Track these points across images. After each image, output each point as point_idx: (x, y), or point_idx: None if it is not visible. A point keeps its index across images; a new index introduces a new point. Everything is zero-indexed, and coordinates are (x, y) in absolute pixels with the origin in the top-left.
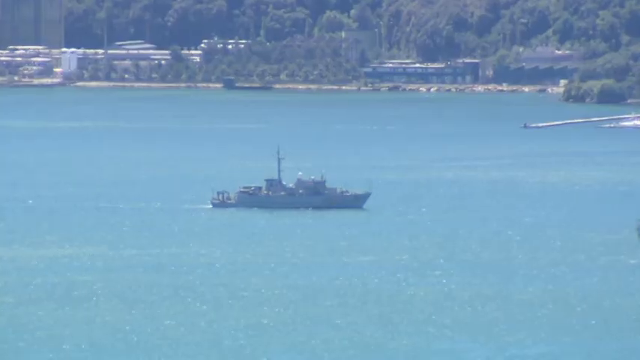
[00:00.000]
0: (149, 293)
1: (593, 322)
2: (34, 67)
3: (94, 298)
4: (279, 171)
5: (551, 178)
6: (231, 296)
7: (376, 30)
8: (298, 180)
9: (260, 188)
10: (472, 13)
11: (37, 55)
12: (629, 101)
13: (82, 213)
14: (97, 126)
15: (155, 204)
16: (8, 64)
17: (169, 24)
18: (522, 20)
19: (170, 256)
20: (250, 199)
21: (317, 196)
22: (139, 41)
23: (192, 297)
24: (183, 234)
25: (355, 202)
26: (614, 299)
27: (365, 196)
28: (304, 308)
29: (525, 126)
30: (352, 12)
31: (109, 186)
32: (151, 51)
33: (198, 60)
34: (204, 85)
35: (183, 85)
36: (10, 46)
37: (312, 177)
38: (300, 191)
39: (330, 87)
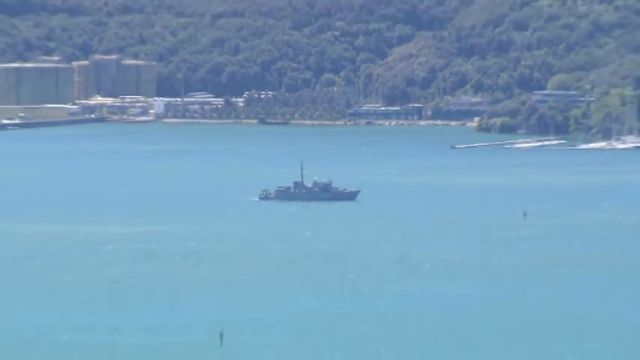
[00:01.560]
0: (208, 253)
1: (498, 272)
2: (136, 110)
3: (166, 259)
4: (302, 176)
5: (469, 180)
6: (264, 256)
7: (356, 85)
8: (314, 182)
9: (290, 187)
10: (418, 74)
11: (138, 101)
12: (519, 131)
13: (164, 203)
14: (177, 148)
15: (217, 197)
16: (120, 107)
17: (223, 81)
18: (450, 79)
19: (228, 230)
20: (284, 194)
21: (326, 193)
22: (204, 92)
23: (240, 256)
24: (238, 216)
25: (351, 196)
26: (510, 257)
27: (357, 193)
28: (311, 265)
29: (452, 147)
30: (341, 74)
31: (184, 186)
32: (211, 98)
33: (242, 104)
34: (246, 121)
35: (231, 121)
36: (121, 96)
37: (323, 180)
38: (316, 189)
39: (326, 122)
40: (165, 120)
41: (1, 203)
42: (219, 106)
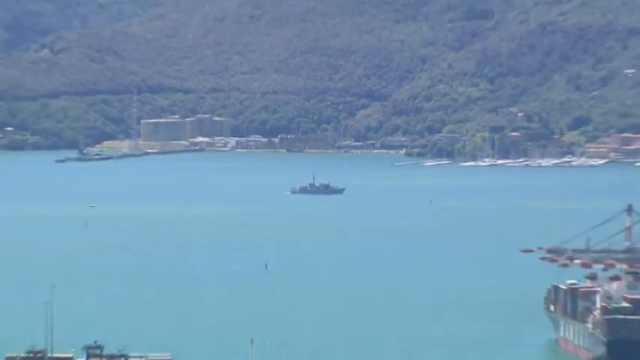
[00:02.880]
0: (262, 222)
1: (413, 232)
2: (220, 144)
3: (237, 226)
4: (313, 180)
5: (401, 183)
6: (293, 223)
7: (340, 130)
8: (320, 184)
9: (307, 186)
10: (373, 125)
11: (221, 140)
12: (427, 156)
13: (236, 196)
14: (242, 166)
15: (266, 192)
16: (210, 143)
17: (267, 128)
18: (390, 127)
19: (274, 209)
20: (304, 190)
21: (327, 189)
22: (257, 135)
23: (281, 223)
24: (279, 202)
25: (340, 191)
26: (422, 224)
27: (343, 189)
28: (317, 228)
29: (392, 165)
30: (331, 124)
31: (248, 185)
32: (261, 138)
33: (277, 141)
34: (280, 150)
35: (272, 150)
36: (212, 137)
37: (325, 182)
38: (321, 187)
39: (324, 151)
40: (236, 150)
41: (153, 197)
42: (265, 142)
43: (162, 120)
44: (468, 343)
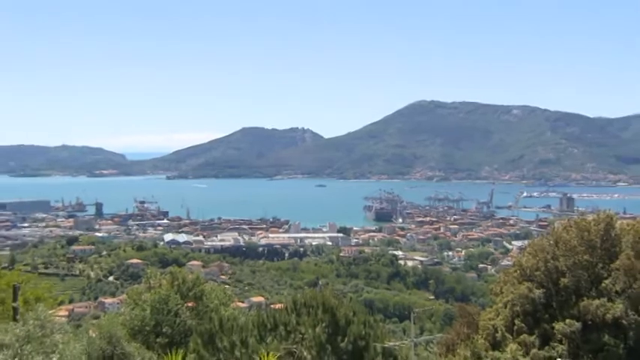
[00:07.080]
0: (301, 197)
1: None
2: (298, 177)
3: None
4: (320, 184)
5: (339, 185)
6: (313, 192)
7: (328, 174)
8: (320, 184)
9: (319, 185)
10: (331, 174)
11: (302, 175)
12: (340, 180)
13: (298, 187)
14: (305, 180)
15: (308, 186)
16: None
17: (310, 173)
18: (337, 175)
19: (308, 190)
20: (318, 186)
21: (322, 186)
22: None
23: (309, 192)
24: (311, 188)
25: (325, 186)
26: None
27: (325, 185)
28: (317, 193)
29: (337, 180)
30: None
31: (303, 186)
32: (310, 175)
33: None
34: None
35: (312, 177)
36: (303, 176)
37: (322, 184)
38: (321, 185)
39: (322, 179)
40: (302, 179)
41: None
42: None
43: (292, 171)
44: (339, 214)
